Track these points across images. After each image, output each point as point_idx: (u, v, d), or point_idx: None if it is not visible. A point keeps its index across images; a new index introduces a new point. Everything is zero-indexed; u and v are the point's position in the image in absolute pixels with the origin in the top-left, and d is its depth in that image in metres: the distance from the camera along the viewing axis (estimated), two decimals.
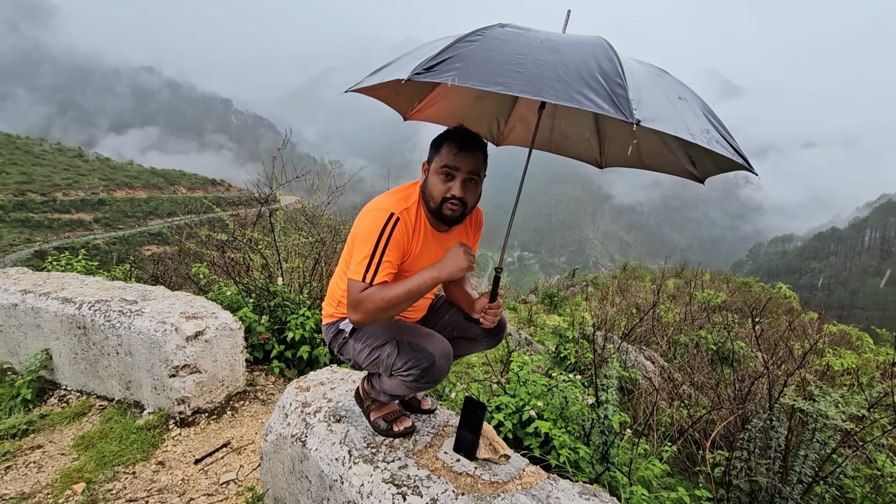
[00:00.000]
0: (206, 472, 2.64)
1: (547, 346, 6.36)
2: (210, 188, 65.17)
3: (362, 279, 1.54)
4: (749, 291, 12.82)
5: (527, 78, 1.11)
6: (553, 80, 1.10)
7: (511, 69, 1.14)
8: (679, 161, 1.74)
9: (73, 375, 3.38)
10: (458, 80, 1.13)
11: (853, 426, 2.79)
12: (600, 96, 1.07)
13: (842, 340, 6.60)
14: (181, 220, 10.25)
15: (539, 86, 1.09)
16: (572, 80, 1.10)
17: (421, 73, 1.15)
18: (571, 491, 1.62)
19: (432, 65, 1.17)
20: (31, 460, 2.71)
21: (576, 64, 1.15)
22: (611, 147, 1.99)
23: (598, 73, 1.12)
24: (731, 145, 1.32)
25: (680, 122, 1.19)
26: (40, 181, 53.83)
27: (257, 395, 3.46)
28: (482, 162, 1.63)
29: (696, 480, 3.32)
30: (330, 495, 1.75)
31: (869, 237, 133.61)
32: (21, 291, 3.54)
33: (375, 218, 1.59)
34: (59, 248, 34.87)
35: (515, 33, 1.31)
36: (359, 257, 1.57)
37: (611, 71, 1.13)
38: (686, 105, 1.33)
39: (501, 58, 1.18)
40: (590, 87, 1.08)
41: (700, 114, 1.35)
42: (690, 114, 1.30)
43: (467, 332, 1.92)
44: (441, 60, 1.18)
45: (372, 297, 1.52)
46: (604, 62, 1.16)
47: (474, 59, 1.18)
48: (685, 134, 1.15)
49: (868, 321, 9.20)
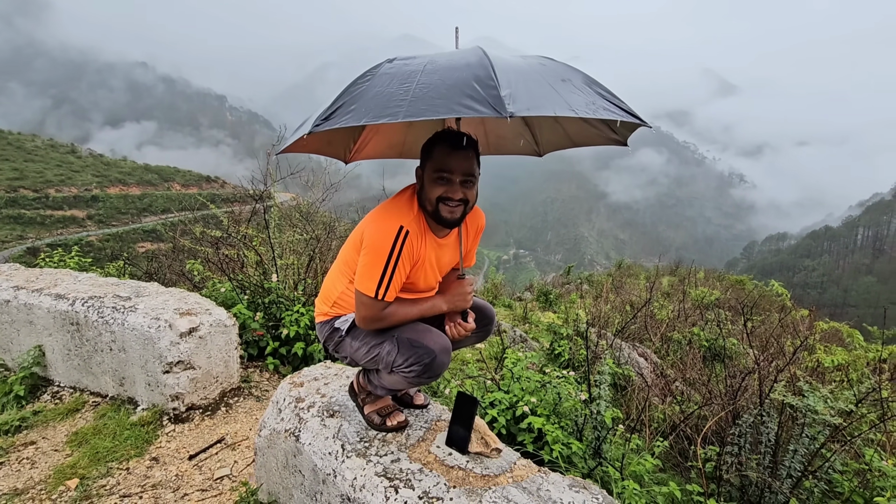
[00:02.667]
0: (200, 468, 2.64)
1: (541, 343, 6.39)
2: (205, 185, 64.82)
3: (374, 295, 1.60)
4: (743, 289, 12.90)
5: (411, 103, 1.20)
6: (434, 98, 1.20)
7: (398, 99, 1.23)
8: (602, 132, 1.84)
9: (67, 372, 3.37)
10: (353, 120, 1.24)
11: (842, 421, 2.83)
12: (477, 101, 1.15)
13: (833, 337, 6.67)
14: (175, 217, 10.21)
15: (421, 107, 1.18)
16: (452, 94, 1.20)
17: (320, 125, 1.26)
18: (562, 483, 1.64)
19: (329, 113, 1.28)
20: (24, 456, 2.71)
21: (454, 78, 1.25)
22: (542, 135, 2.11)
23: (473, 81, 1.20)
24: (620, 107, 1.41)
25: (560, 102, 1.27)
26: (33, 177, 53.40)
27: (252, 391, 3.46)
28: (475, 161, 1.65)
29: (688, 475, 3.35)
30: (323, 489, 1.77)
31: (862, 235, 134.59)
32: (13, 288, 3.53)
33: (386, 231, 1.61)
34: (52, 244, 34.58)
35: (402, 64, 1.40)
36: (369, 270, 1.60)
37: (483, 75, 1.21)
38: (569, 85, 1.41)
39: (390, 91, 1.27)
40: (468, 95, 1.17)
41: (586, 89, 1.43)
42: (574, 92, 1.37)
43: None
44: (337, 107, 1.29)
45: (389, 318, 1.67)
46: (477, 69, 1.25)
47: (366, 98, 1.29)
48: (566, 111, 1.24)
49: (860, 318, 9.28)
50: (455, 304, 1.76)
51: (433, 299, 1.75)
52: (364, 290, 1.61)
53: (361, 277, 1.62)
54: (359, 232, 1.72)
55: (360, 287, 1.62)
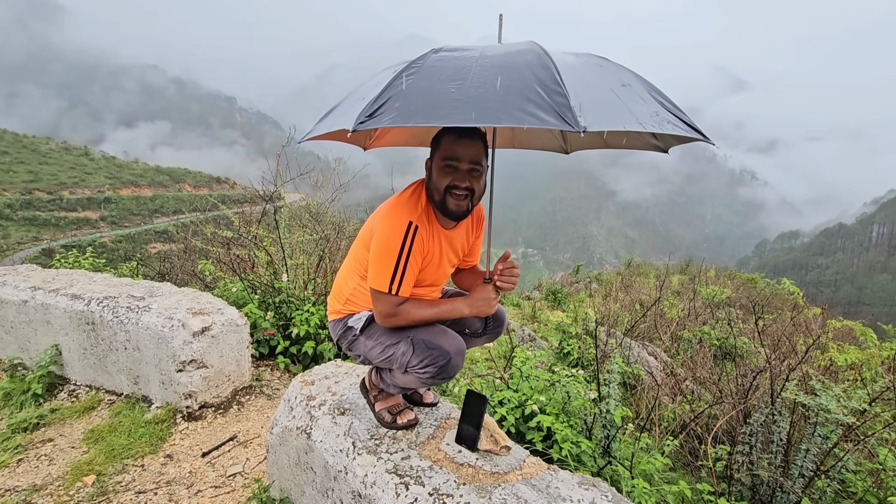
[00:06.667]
0: (213, 465, 2.68)
1: (550, 342, 6.38)
2: (215, 186, 65.46)
3: (388, 290, 1.61)
4: (754, 288, 12.78)
5: (467, 105, 1.10)
6: (493, 102, 1.09)
7: (451, 98, 1.13)
8: (644, 138, 1.74)
9: (83, 370, 3.44)
10: (400, 120, 1.13)
11: (855, 420, 2.80)
12: (543, 109, 1.05)
13: (846, 336, 6.58)
14: (187, 218, 10.33)
15: (480, 112, 1.08)
16: (513, 98, 1.09)
17: (364, 122, 1.14)
18: (571, 481, 1.64)
19: (373, 110, 1.16)
20: (42, 453, 2.76)
21: (513, 79, 1.14)
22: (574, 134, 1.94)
23: (536, 85, 1.10)
24: (683, 121, 1.32)
25: (627, 114, 1.17)
26: (47, 180, 54.30)
27: (263, 389, 3.50)
28: (482, 151, 1.63)
29: (698, 475, 3.34)
30: (334, 485, 1.79)
31: (877, 233, 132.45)
32: (31, 288, 3.60)
33: (395, 226, 1.61)
34: (67, 245, 35.10)
35: (450, 57, 1.29)
36: (382, 267, 1.61)
37: (548, 79, 1.11)
38: (631, 91, 1.31)
39: (440, 88, 1.17)
40: (531, 100, 1.07)
41: (647, 97, 1.34)
42: (637, 100, 1.28)
43: (469, 327, 1.95)
44: (381, 103, 1.17)
45: (405, 316, 1.67)
46: (539, 70, 1.14)
47: (412, 96, 1.17)
48: (634, 125, 1.14)
49: (874, 317, 9.14)
50: (479, 308, 1.70)
51: (455, 302, 1.72)
52: (378, 286, 1.62)
53: (374, 275, 1.63)
54: (368, 229, 1.73)
55: (374, 284, 1.64)
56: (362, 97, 1.27)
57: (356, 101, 1.30)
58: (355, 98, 1.37)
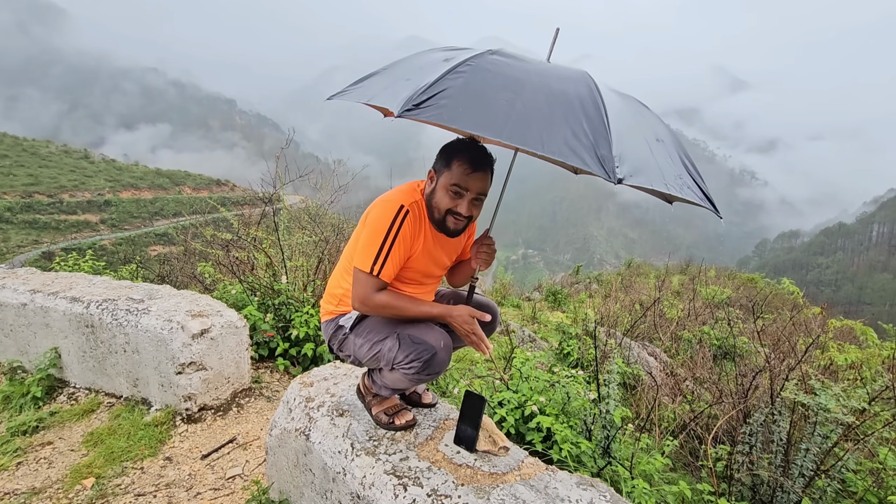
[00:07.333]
0: (212, 467, 2.68)
1: (550, 342, 6.38)
2: (215, 188, 65.53)
3: (370, 270, 1.62)
4: (754, 287, 12.77)
5: (516, 123, 1.10)
6: (542, 128, 1.11)
7: (500, 109, 1.13)
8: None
9: (82, 373, 3.44)
10: (446, 119, 1.14)
11: (855, 420, 2.80)
12: (586, 149, 1.07)
13: (846, 335, 6.57)
14: (186, 221, 10.33)
15: (527, 134, 1.09)
16: (561, 130, 1.10)
17: (411, 110, 1.14)
18: (569, 481, 1.65)
19: (421, 101, 1.15)
20: (41, 456, 2.76)
21: (564, 110, 1.15)
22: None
23: (584, 122, 1.11)
24: (701, 188, 1.35)
25: (656, 173, 1.20)
26: (47, 183, 54.37)
27: (262, 391, 3.50)
28: (490, 180, 1.67)
29: (699, 475, 3.33)
30: (333, 487, 1.79)
31: (877, 232, 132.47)
32: (30, 291, 3.60)
33: (386, 209, 1.65)
34: (67, 248, 35.15)
35: (504, 64, 1.29)
36: (367, 247, 1.63)
37: (596, 120, 1.12)
38: (663, 148, 1.34)
39: (490, 95, 1.17)
40: (578, 140, 1.08)
41: (675, 156, 1.37)
42: (667, 158, 1.31)
43: None
44: (430, 96, 1.16)
45: (381, 301, 1.65)
46: (589, 108, 1.15)
47: (462, 96, 1.16)
48: (661, 185, 1.17)
49: (875, 316, 9.14)
50: (455, 319, 1.67)
51: (435, 305, 1.71)
52: (360, 265, 1.64)
53: (359, 255, 1.65)
54: (360, 227, 1.75)
55: (357, 263, 1.65)
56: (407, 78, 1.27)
57: (400, 81, 1.29)
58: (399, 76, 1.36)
